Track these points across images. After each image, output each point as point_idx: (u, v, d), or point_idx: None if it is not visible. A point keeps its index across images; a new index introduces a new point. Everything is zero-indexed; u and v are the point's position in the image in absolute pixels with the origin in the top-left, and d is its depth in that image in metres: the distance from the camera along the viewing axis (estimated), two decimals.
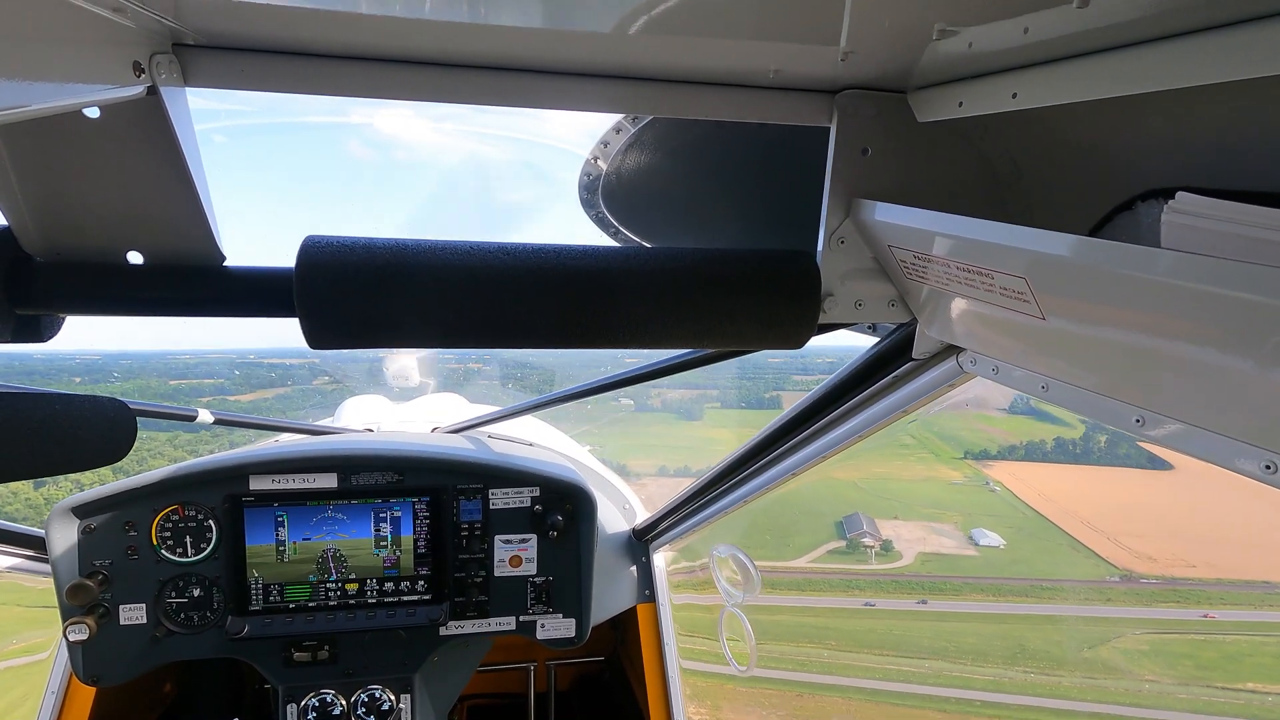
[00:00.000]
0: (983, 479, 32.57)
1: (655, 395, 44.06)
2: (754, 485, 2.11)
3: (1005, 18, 0.74)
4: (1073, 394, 0.94)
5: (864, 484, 32.45)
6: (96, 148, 0.96)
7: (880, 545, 26.51)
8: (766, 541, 25.94)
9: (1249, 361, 0.64)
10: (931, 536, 27.61)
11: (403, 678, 2.25)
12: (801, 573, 25.61)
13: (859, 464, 33.19)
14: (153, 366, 33.08)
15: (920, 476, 34.11)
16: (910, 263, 1.08)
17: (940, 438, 36.21)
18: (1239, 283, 0.60)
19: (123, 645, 2.06)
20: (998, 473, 32.70)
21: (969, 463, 34.36)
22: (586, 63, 1.00)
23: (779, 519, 27.65)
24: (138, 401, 2.49)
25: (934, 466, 34.53)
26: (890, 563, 25.88)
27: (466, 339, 1.09)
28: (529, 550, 2.27)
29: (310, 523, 2.16)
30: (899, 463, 34.51)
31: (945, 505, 30.90)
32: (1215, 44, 0.62)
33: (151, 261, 1.10)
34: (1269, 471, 0.70)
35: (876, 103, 1.08)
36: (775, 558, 25.64)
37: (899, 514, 29.83)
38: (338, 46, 0.94)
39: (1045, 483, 31.19)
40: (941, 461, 34.91)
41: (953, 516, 29.36)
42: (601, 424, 36.80)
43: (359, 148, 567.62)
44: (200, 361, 22.59)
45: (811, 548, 26.60)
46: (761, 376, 36.09)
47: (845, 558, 26.16)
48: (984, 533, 26.94)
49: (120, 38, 0.79)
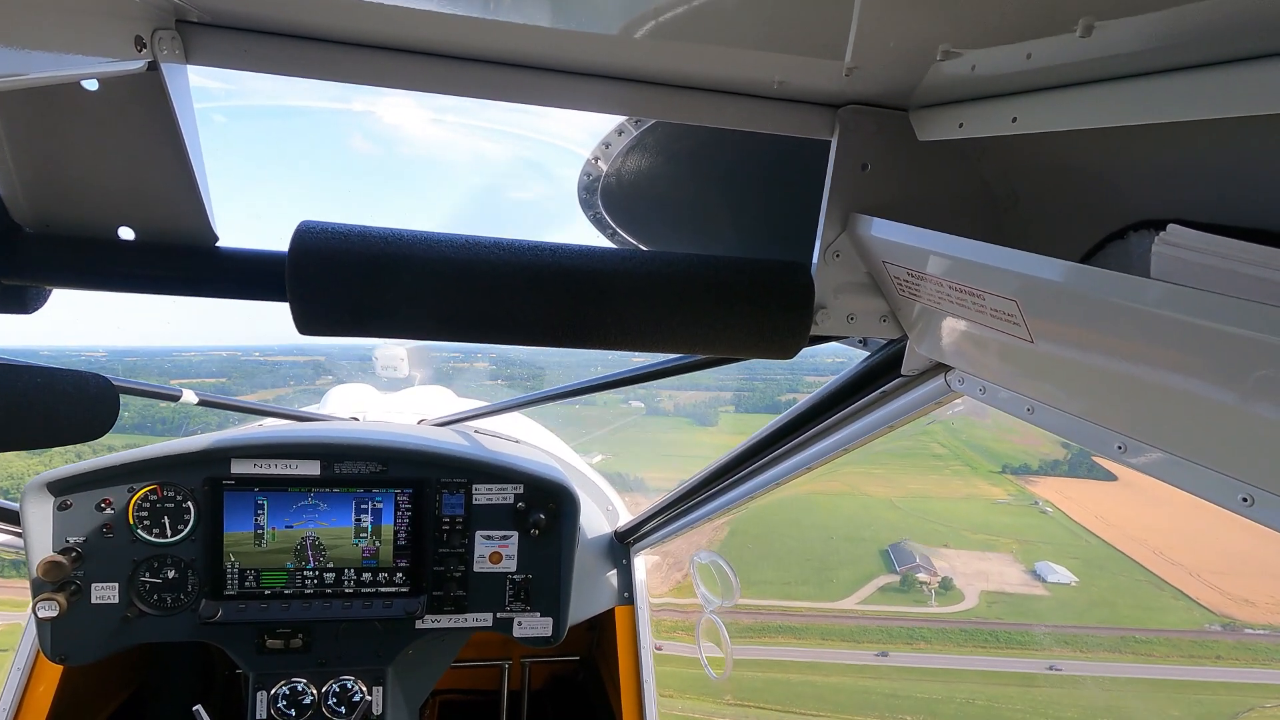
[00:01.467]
0: (1029, 498, 29.86)
1: (666, 398, 42.47)
2: (738, 493, 2.12)
3: (1008, 43, 0.75)
4: (1057, 418, 0.95)
5: (901, 503, 29.69)
6: (93, 121, 0.95)
7: (939, 582, 23.34)
8: (807, 575, 23.43)
9: (1231, 394, 0.65)
10: (991, 569, 24.48)
11: (376, 669, 2.23)
12: (854, 617, 22.23)
13: (893, 479, 30.76)
14: (155, 364, 32.61)
15: (960, 494, 31.42)
16: (904, 279, 1.09)
17: (971, 448, 33.96)
18: (1225, 316, 0.61)
19: (93, 624, 2.03)
20: (1044, 490, 30.03)
21: (1010, 478, 31.90)
22: (592, 63, 1.00)
23: (814, 546, 25.07)
24: (122, 379, 2.46)
25: (973, 482, 32.08)
26: (952, 604, 22.58)
27: (458, 333, 1.09)
28: (510, 547, 2.26)
29: (290, 509, 2.14)
30: (935, 478, 32.26)
31: (996, 530, 27.80)
32: (1215, 80, 0.62)
33: (143, 238, 1.09)
34: (1245, 504, 0.71)
35: (878, 119, 1.08)
36: (820, 595, 22.75)
37: (949, 540, 26.62)
38: (344, 32, 0.93)
39: (1098, 503, 28.37)
40: (979, 476, 32.50)
41: (1008, 544, 26.28)
42: (613, 429, 35.17)
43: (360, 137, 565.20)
44: (205, 359, 22.19)
45: (859, 583, 23.48)
46: (772, 378, 34.73)
47: (900, 597, 23.00)
48: (1051, 567, 23.69)
49: (123, 11, 0.78)
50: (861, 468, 30.75)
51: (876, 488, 30.40)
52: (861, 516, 28.48)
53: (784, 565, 24.17)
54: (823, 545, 25.39)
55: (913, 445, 33.24)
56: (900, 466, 32.55)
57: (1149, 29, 0.62)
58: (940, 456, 33.76)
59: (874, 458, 31.41)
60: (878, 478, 31.28)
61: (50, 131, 0.96)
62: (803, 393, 1.63)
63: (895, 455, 32.93)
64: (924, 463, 33.37)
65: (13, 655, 2.39)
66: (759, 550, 24.25)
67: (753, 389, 39.60)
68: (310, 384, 22.59)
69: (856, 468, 30.41)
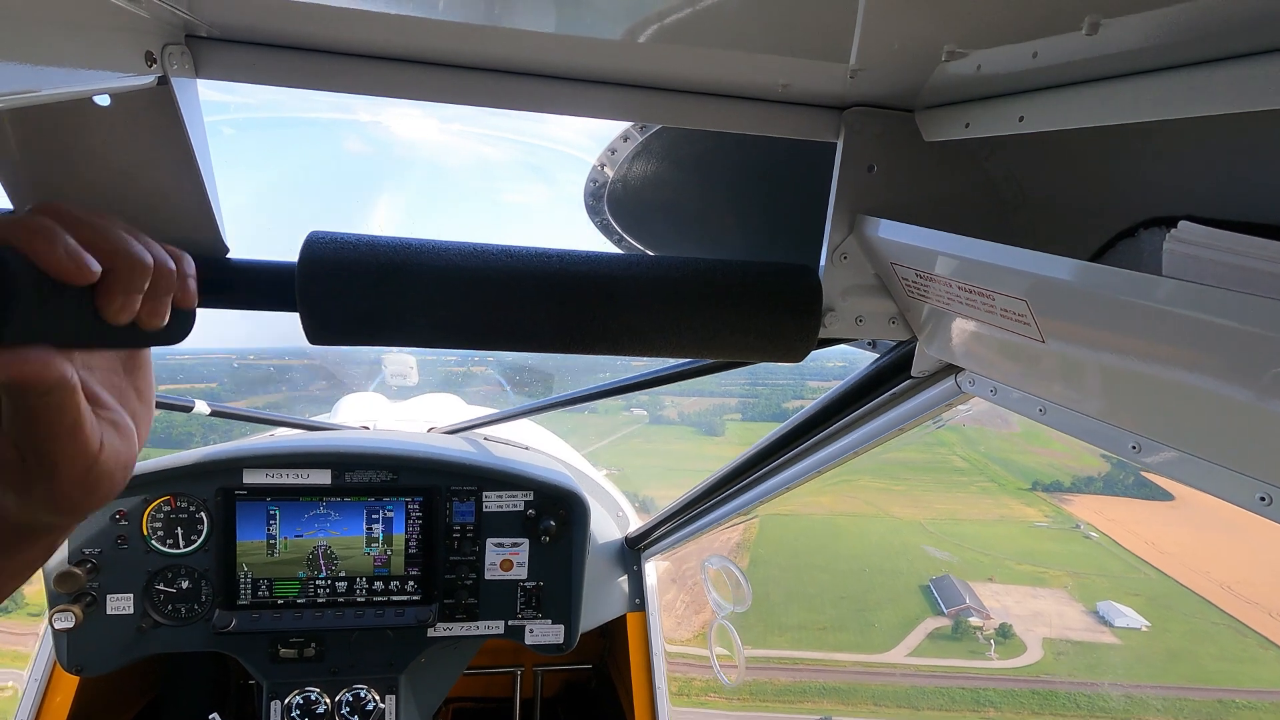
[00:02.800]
0: (1068, 520, 27.44)
1: (670, 405, 41.14)
2: (749, 497, 2.11)
3: (1014, 42, 0.74)
4: (1070, 418, 0.94)
5: (932, 525, 27.10)
6: (105, 135, 0.96)
7: (995, 628, 20.29)
8: (844, 618, 20.61)
9: (1247, 392, 0.64)
10: (1046, 609, 21.60)
11: (389, 678, 2.23)
12: (907, 674, 18.94)
13: (918, 497, 28.37)
14: (169, 366, 32.58)
15: (993, 515, 28.87)
16: (912, 281, 1.08)
17: (994, 461, 31.39)
18: (1238, 313, 0.60)
19: (108, 635, 2.05)
20: (1081, 510, 27.64)
21: (1042, 496, 29.54)
22: (598, 69, 1.00)
23: (847, 580, 22.44)
24: None
25: (1003, 501, 29.52)
26: (1014, 656, 19.41)
27: (467, 340, 1.09)
28: (520, 554, 2.26)
29: (302, 519, 2.15)
30: (961, 495, 29.76)
31: (1041, 559, 25.23)
32: (1223, 75, 0.62)
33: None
34: (1264, 503, 0.70)
35: (884, 120, 1.08)
36: (863, 644, 19.84)
37: (993, 573, 23.78)
38: (350, 44, 0.94)
39: (1146, 526, 25.56)
40: (1008, 494, 30.06)
41: (1058, 577, 23.51)
42: (613, 440, 33.73)
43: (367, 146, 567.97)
44: (198, 362, 22.18)
45: (905, 628, 20.51)
46: (777, 384, 33.65)
47: (954, 647, 20.03)
48: (1116, 608, 21.06)
49: (134, 27, 0.79)
50: (881, 483, 28.62)
51: (903, 508, 28.35)
52: (892, 543, 26.19)
53: (816, 605, 21.65)
54: (856, 579, 22.99)
55: (932, 458, 32.42)
56: (922, 483, 30.31)
57: (1156, 25, 0.62)
58: (963, 471, 31.77)
59: (892, 471, 29.77)
60: (900, 496, 29.07)
61: (62, 147, 0.97)
62: (808, 399, 1.61)
63: (915, 469, 30.93)
64: (947, 478, 31.43)
65: (29, 667, 2.41)
66: (786, 585, 22.22)
67: (756, 395, 38.49)
68: (305, 390, 22.29)
69: (876, 482, 28.43)
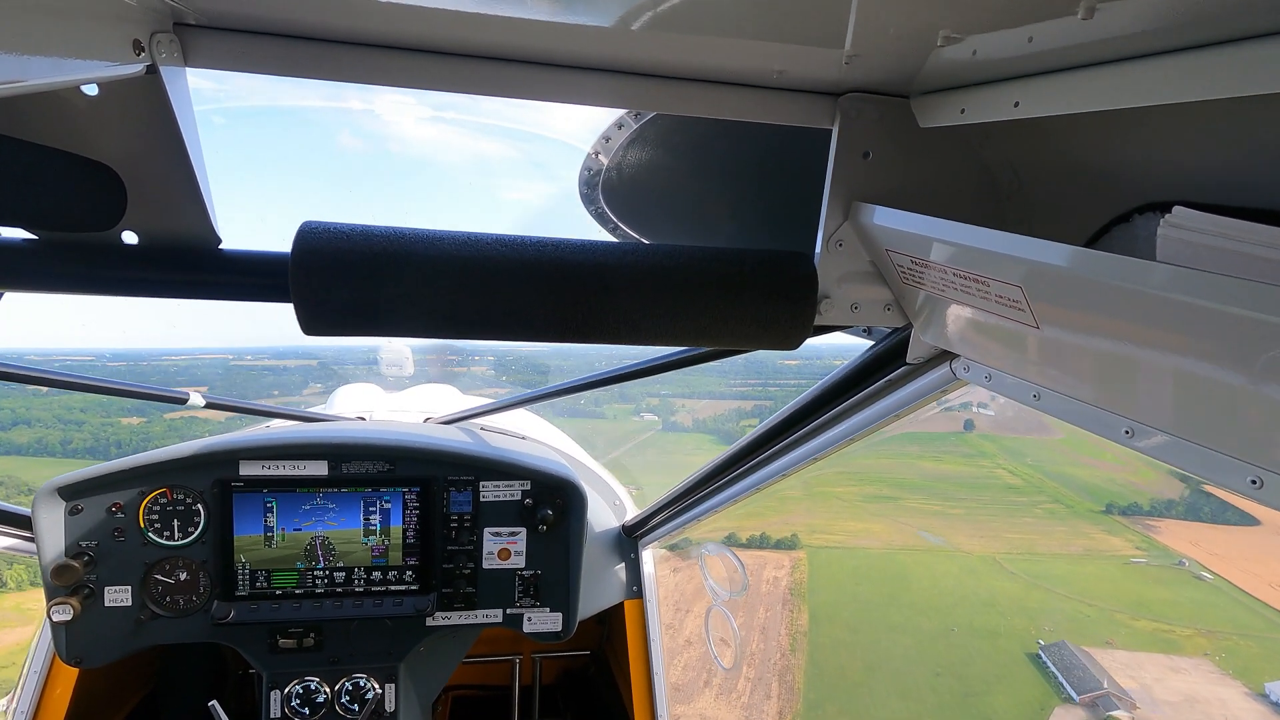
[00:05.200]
0: (1166, 553, 22.98)
1: (682, 409, 39.35)
2: (746, 484, 2.12)
3: (1009, 26, 0.74)
4: (1064, 404, 0.95)
5: (1009, 561, 22.44)
6: (93, 126, 0.95)
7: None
8: (946, 707, 16.67)
9: (1239, 376, 0.65)
10: (1199, 691, 16.41)
11: (388, 667, 2.24)
12: None
13: (981, 524, 24.20)
14: (142, 370, 31.91)
15: (1075, 547, 24.42)
16: (907, 267, 1.08)
17: (1047, 475, 27.63)
18: (1232, 298, 0.61)
19: (107, 627, 2.05)
20: (1174, 541, 23.13)
21: (1121, 521, 25.29)
22: (591, 57, 1.00)
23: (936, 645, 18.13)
24: (129, 382, 2.47)
25: (1079, 528, 25.13)
26: None
27: (462, 330, 1.09)
28: (518, 543, 2.26)
29: (299, 510, 2.15)
30: (1028, 520, 25.60)
31: (1157, 610, 20.04)
32: (1217, 60, 0.62)
33: (146, 242, 1.09)
34: (1255, 486, 0.70)
35: (879, 106, 1.08)
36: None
37: (1111, 635, 19.06)
38: (340, 31, 0.93)
39: (1260, 563, 20.88)
40: (1080, 517, 25.75)
41: (1192, 639, 18.38)
42: (628, 450, 31.91)
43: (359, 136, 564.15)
44: (193, 362, 21.79)
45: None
46: (786, 383, 31.31)
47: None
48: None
49: (121, 15, 0.78)
50: (934, 504, 25.55)
51: (967, 537, 24.31)
52: (972, 588, 21.82)
53: (908, 685, 17.49)
54: (946, 642, 18.79)
55: (978, 473, 29.44)
56: (979, 504, 26.47)
57: (1150, 10, 0.61)
58: (1019, 490, 28.11)
59: (943, 490, 26.52)
60: (961, 521, 25.19)
61: (50, 138, 0.96)
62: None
63: (965, 486, 27.79)
64: (1004, 498, 27.65)
65: (28, 659, 2.41)
66: (863, 654, 18.16)
67: (770, 396, 37.22)
68: (298, 394, 21.44)
69: (928, 503, 25.32)
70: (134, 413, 31.65)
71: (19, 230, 1.06)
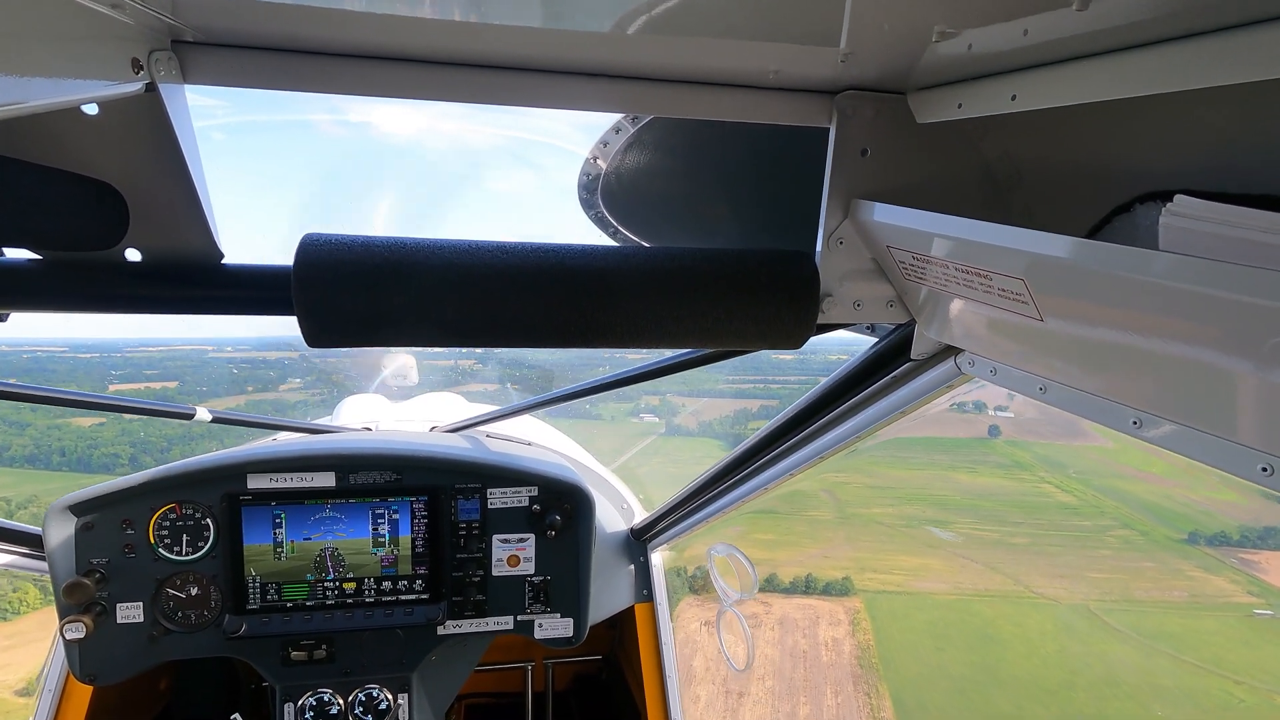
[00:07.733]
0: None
1: (685, 410, 38.92)
2: (753, 484, 2.11)
3: (1005, 20, 0.74)
4: (1070, 396, 0.95)
5: (1106, 612, 18.32)
6: (94, 145, 0.96)
7: None
8: None
9: (1246, 363, 0.64)
10: None
11: (400, 677, 2.24)
12: None
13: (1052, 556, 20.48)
14: (114, 361, 30.59)
15: (1177, 592, 19.81)
16: (909, 264, 1.08)
17: (1102, 493, 24.20)
18: (1236, 285, 0.60)
19: (120, 644, 2.06)
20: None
21: (1210, 553, 21.33)
22: (586, 62, 1.00)
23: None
24: (135, 399, 2.49)
25: (1170, 564, 20.79)
26: None
27: (465, 338, 1.09)
28: (527, 550, 2.26)
29: (308, 522, 2.15)
30: (1105, 554, 21.81)
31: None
32: (1214, 47, 0.62)
33: (149, 259, 1.09)
34: (1265, 474, 0.70)
35: (876, 104, 1.08)
36: None
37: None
38: (337, 44, 0.93)
39: None
40: (1167, 550, 21.58)
41: None
42: (631, 456, 30.15)
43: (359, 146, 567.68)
44: (167, 354, 21.28)
45: None
46: (788, 382, 29.47)
47: None
48: None
49: (119, 34, 0.79)
50: (990, 530, 21.35)
51: (1051, 582, 20.18)
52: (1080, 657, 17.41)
53: None
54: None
55: (1023, 488, 25.93)
56: (1039, 532, 22.56)
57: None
58: (1077, 510, 24.36)
59: (993, 511, 22.48)
60: (1028, 554, 21.48)
61: (52, 159, 0.97)
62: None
63: (1013, 505, 24.08)
64: (1063, 520, 23.63)
65: (42, 678, 2.42)
66: None
67: (774, 395, 35.94)
68: (274, 390, 20.52)
69: (982, 528, 21.30)
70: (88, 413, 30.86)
71: (24, 251, 1.07)
